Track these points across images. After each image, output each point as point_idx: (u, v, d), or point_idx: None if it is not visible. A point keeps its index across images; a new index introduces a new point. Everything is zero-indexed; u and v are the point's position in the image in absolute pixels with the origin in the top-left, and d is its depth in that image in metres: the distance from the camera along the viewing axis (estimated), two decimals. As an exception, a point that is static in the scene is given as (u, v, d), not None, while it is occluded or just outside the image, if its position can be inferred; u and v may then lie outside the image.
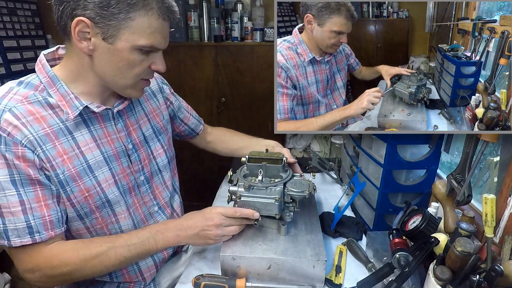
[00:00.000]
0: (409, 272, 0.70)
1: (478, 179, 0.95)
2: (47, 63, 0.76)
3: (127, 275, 0.88)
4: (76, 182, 0.75)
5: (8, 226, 0.70)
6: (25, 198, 0.70)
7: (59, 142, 0.73)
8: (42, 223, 0.72)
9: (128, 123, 0.88)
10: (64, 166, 0.74)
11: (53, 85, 0.74)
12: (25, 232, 0.70)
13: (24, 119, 0.69)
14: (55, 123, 0.73)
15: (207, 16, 2.10)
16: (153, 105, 0.97)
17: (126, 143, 0.85)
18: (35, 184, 0.71)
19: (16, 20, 1.99)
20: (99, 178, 0.78)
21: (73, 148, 0.75)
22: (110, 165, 0.81)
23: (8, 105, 0.69)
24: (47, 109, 0.73)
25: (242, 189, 0.83)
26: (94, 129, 0.79)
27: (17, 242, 0.70)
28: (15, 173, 0.69)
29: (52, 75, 0.74)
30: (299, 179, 0.89)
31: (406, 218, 0.84)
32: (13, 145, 0.68)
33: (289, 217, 0.85)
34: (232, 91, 2.19)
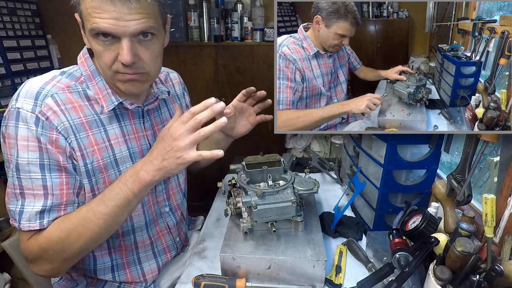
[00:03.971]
0: (409, 272, 0.70)
1: (478, 179, 0.95)
2: (90, 57, 0.79)
3: (129, 275, 0.89)
4: (102, 174, 0.78)
5: (25, 207, 0.70)
6: (49, 183, 0.71)
7: (92, 133, 0.76)
8: (57, 211, 0.72)
9: (154, 122, 0.90)
10: (94, 156, 0.76)
11: (92, 79, 0.77)
12: (36, 217, 0.70)
13: (63, 106, 0.72)
14: (90, 114, 0.76)
15: (207, 16, 2.10)
16: None
17: (152, 141, 0.87)
18: (62, 171, 0.72)
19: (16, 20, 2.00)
20: (122, 172, 0.79)
21: (104, 140, 0.78)
22: (134, 161, 0.82)
23: (51, 91, 0.72)
24: (84, 100, 0.76)
25: (256, 198, 0.81)
26: (124, 124, 0.82)
27: (25, 226, 0.70)
28: (45, 158, 0.70)
29: (93, 69, 0.78)
30: (303, 178, 0.90)
31: (406, 218, 0.83)
32: (49, 130, 0.69)
33: (300, 217, 0.85)
34: (232, 91, 2.19)
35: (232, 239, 0.83)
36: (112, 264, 0.87)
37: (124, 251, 0.87)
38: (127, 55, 0.67)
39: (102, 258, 0.85)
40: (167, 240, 0.96)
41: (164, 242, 0.95)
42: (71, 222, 0.71)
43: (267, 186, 0.86)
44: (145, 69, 0.74)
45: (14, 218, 0.71)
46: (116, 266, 0.87)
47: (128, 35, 0.67)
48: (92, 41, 0.69)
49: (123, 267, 0.88)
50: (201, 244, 0.98)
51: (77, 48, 0.81)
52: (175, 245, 1.00)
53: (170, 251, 0.98)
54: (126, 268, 0.88)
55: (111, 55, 0.69)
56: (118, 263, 0.87)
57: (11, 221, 0.73)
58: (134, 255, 0.89)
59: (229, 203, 0.89)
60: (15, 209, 0.71)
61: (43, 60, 2.17)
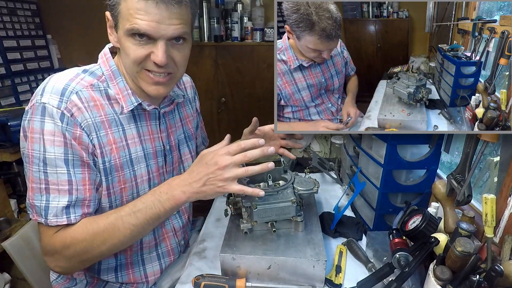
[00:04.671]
0: (409, 272, 0.70)
1: (478, 179, 0.95)
2: (111, 56, 0.80)
3: (132, 276, 0.89)
4: (117, 172, 0.79)
5: (51, 203, 0.71)
6: (73, 179, 0.72)
7: (111, 131, 0.77)
8: (81, 206, 0.73)
9: (169, 125, 0.91)
10: (111, 155, 0.77)
11: (113, 79, 0.79)
12: (63, 212, 0.71)
13: (87, 104, 0.74)
14: (110, 113, 0.78)
15: (207, 16, 2.10)
16: (188, 111, 1.01)
17: (165, 143, 0.88)
18: (85, 166, 0.73)
19: (16, 20, 2.00)
20: (136, 172, 0.82)
21: (122, 140, 0.79)
22: (148, 162, 0.84)
23: (76, 88, 0.73)
24: (105, 99, 0.77)
25: (256, 198, 0.81)
26: (140, 125, 0.83)
27: (53, 221, 0.71)
28: (69, 153, 0.71)
29: (115, 69, 0.79)
30: (302, 178, 0.90)
31: (406, 218, 0.83)
32: (73, 126, 0.71)
33: (300, 217, 0.85)
34: (232, 91, 2.19)
35: (232, 239, 0.83)
36: (116, 265, 0.87)
37: (129, 251, 0.87)
38: (163, 56, 0.71)
39: (107, 259, 0.85)
40: (172, 242, 0.96)
41: (169, 244, 0.96)
42: (99, 226, 0.72)
43: (267, 186, 0.86)
44: (174, 70, 0.77)
45: (39, 214, 0.72)
46: (120, 266, 0.87)
47: (166, 38, 0.70)
48: (125, 39, 0.71)
49: (127, 267, 0.88)
50: (201, 244, 0.98)
51: (77, 48, 0.81)
52: (179, 248, 1.00)
53: (174, 253, 0.98)
54: (130, 268, 0.89)
55: (142, 52, 0.71)
56: (122, 263, 0.87)
57: (33, 216, 0.73)
58: (138, 256, 0.89)
59: (229, 203, 0.89)
60: (40, 205, 0.71)
61: (43, 60, 2.17)
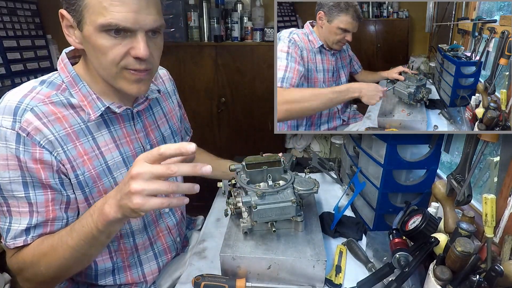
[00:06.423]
0: (409, 272, 0.70)
1: (478, 179, 0.95)
2: (69, 62, 0.74)
3: (130, 277, 0.88)
4: (95, 183, 0.75)
5: (12, 225, 0.69)
6: (34, 201, 0.69)
7: (79, 143, 0.72)
8: (43, 226, 0.71)
9: (147, 123, 0.87)
10: (85, 166, 0.73)
11: (75, 85, 0.73)
12: (22, 234, 0.70)
13: (46, 119, 0.68)
14: (76, 123, 0.72)
15: (207, 16, 2.10)
16: (170, 105, 0.97)
17: (145, 144, 0.84)
18: (46, 188, 0.70)
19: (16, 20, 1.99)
20: (117, 179, 0.78)
21: (93, 149, 0.75)
22: (129, 166, 0.80)
23: (30, 104, 0.67)
24: (68, 109, 0.72)
25: (256, 198, 0.80)
26: (114, 129, 0.78)
27: (10, 244, 0.70)
28: (26, 176, 0.68)
29: (74, 75, 0.73)
30: (302, 178, 0.90)
31: (406, 218, 0.84)
32: (31, 146, 0.66)
33: (300, 217, 0.85)
34: (232, 91, 2.19)
35: (232, 239, 0.83)
36: (113, 268, 0.86)
37: (125, 254, 0.86)
38: (145, 49, 0.66)
39: (104, 263, 0.84)
40: (168, 240, 0.96)
41: (165, 242, 0.95)
42: (43, 248, 0.69)
43: (267, 186, 0.86)
44: (152, 65, 0.72)
45: (2, 235, 0.71)
46: (117, 269, 0.87)
47: (145, 29, 0.66)
48: (97, 37, 0.65)
49: (124, 269, 0.88)
50: (201, 244, 0.98)
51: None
52: (176, 245, 0.99)
53: (171, 251, 0.97)
54: (127, 270, 0.88)
55: (121, 50, 0.66)
56: (119, 266, 0.87)
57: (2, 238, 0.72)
58: (135, 257, 0.88)
59: (229, 203, 0.89)
60: (3, 226, 0.70)
61: (43, 60, 2.17)
